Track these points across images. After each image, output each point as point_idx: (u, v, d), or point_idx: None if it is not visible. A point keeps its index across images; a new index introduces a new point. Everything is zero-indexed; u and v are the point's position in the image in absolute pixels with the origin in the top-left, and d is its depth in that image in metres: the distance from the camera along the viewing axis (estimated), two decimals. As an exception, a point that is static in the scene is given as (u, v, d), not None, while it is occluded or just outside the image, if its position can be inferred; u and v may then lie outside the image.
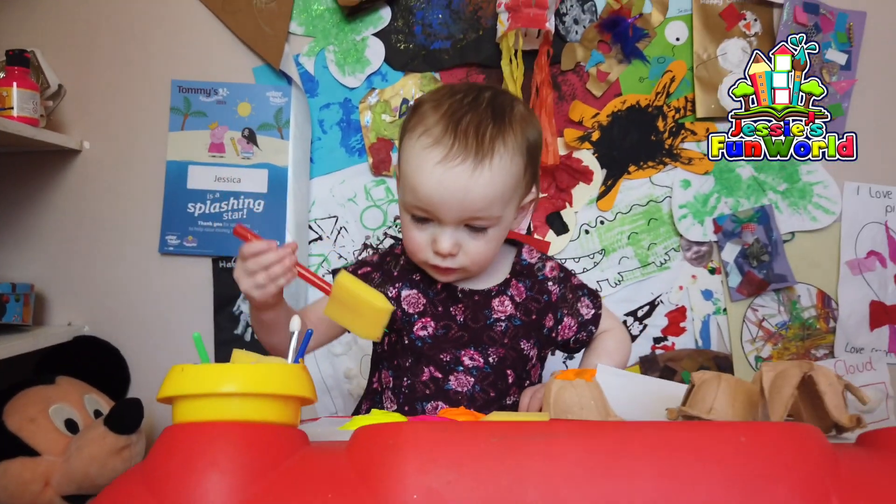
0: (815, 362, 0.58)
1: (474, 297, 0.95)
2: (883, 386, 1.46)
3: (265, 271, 0.82)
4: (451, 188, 0.83)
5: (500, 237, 0.92)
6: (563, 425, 0.41)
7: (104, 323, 1.48)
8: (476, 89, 0.91)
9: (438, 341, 0.93)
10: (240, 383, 0.46)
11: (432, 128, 0.85)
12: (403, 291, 0.95)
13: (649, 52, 1.45)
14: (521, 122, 0.89)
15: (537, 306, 0.97)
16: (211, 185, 1.47)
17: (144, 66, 1.47)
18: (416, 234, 0.89)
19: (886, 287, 1.46)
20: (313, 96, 1.47)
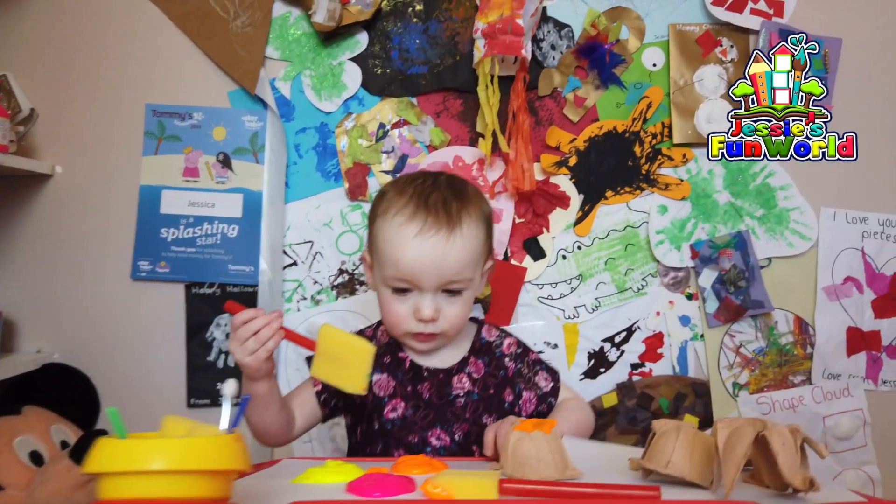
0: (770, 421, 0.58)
1: (438, 374, 1.02)
2: (860, 413, 1.45)
3: (254, 336, 0.87)
4: (430, 256, 0.94)
5: (472, 300, 1.02)
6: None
7: (74, 350, 1.45)
8: (433, 175, 1.04)
9: (407, 423, 0.99)
10: (166, 460, 0.44)
11: (403, 208, 0.96)
12: (374, 376, 1.02)
13: (626, 77, 1.45)
14: (477, 197, 1.02)
15: (495, 381, 1.04)
16: (184, 209, 1.45)
17: (118, 90, 1.46)
18: (397, 306, 0.98)
19: (863, 313, 1.46)
20: (289, 120, 1.46)
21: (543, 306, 1.46)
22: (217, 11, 1.43)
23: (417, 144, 1.46)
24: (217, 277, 1.45)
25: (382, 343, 1.06)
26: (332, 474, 0.64)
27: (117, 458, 0.45)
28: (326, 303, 1.46)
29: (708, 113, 1.44)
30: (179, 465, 0.44)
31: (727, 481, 0.52)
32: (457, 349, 1.05)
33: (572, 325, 1.46)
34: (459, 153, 1.45)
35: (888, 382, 1.47)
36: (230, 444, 0.47)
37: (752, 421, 0.56)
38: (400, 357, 1.04)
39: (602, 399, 1.44)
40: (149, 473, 0.44)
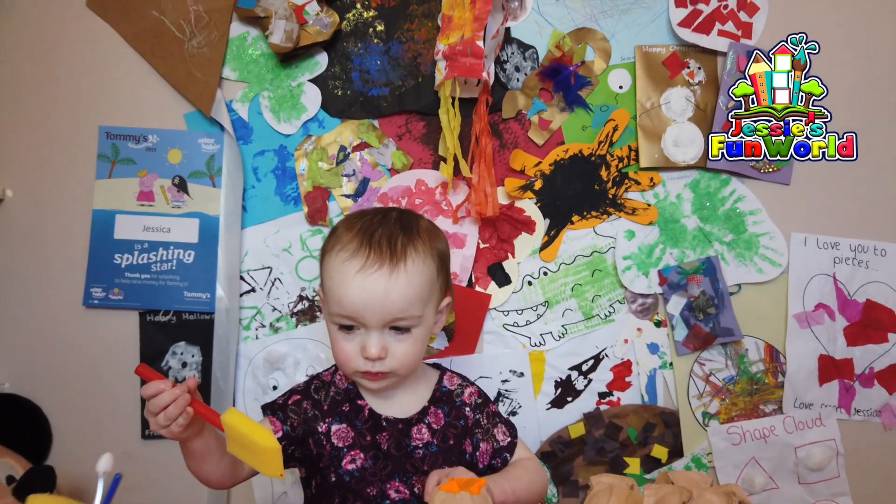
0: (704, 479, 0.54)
1: (398, 425, 1.00)
2: (833, 443, 1.42)
3: (164, 412, 0.84)
4: (372, 293, 0.92)
5: (424, 338, 0.99)
6: None
7: (26, 380, 1.41)
8: (384, 210, 1.03)
9: (365, 475, 0.97)
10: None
11: (348, 244, 0.95)
12: (333, 426, 0.99)
13: (592, 100, 1.42)
14: (427, 233, 1.00)
15: (454, 432, 1.02)
16: (139, 234, 1.41)
17: (70, 112, 1.42)
18: (344, 345, 0.96)
19: (835, 341, 1.43)
20: (247, 143, 1.43)
21: (509, 334, 1.42)
22: (172, 31, 1.39)
23: (379, 168, 1.42)
24: (172, 305, 1.40)
25: (341, 389, 1.03)
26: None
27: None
28: (286, 330, 1.42)
29: (675, 136, 1.41)
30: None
31: (649, 558, 0.49)
32: (416, 397, 1.03)
33: (538, 353, 1.42)
34: (422, 177, 1.42)
35: (861, 412, 1.43)
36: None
37: (679, 489, 0.52)
38: (359, 405, 1.01)
39: (569, 429, 1.41)
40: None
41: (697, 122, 1.41)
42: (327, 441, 0.98)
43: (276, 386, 1.41)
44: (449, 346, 1.41)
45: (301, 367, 1.41)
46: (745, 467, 1.41)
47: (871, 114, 1.41)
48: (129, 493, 1.35)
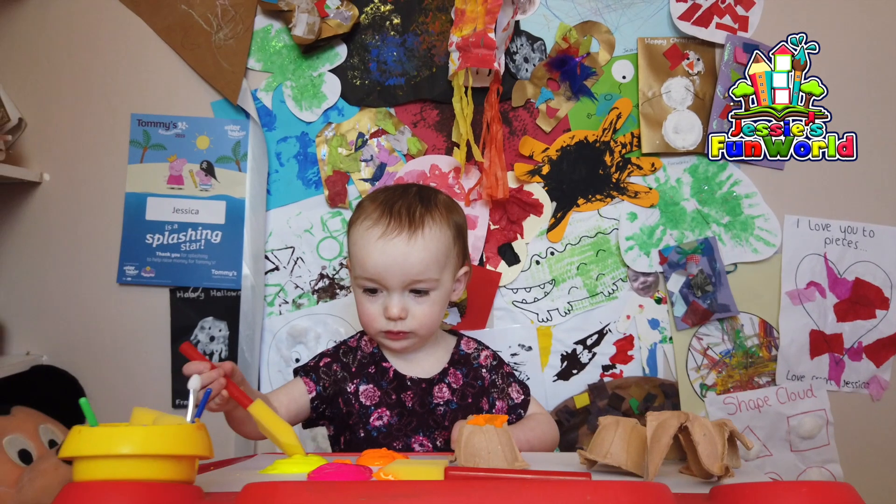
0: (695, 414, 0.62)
1: (421, 384, 1.08)
2: (823, 412, 1.50)
3: (202, 391, 0.88)
4: (392, 256, 1.01)
5: (442, 302, 1.07)
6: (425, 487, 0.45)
7: (63, 352, 1.50)
8: (405, 186, 1.13)
9: (392, 430, 1.05)
10: (133, 445, 0.49)
11: (371, 214, 1.05)
12: (361, 386, 1.08)
13: (597, 89, 1.51)
14: (444, 205, 1.09)
15: (472, 391, 1.10)
16: (169, 216, 1.49)
17: (105, 100, 1.50)
18: (368, 306, 1.05)
19: (826, 317, 1.51)
20: (271, 130, 1.51)
21: (518, 310, 1.51)
22: (200, 24, 1.48)
23: (395, 153, 1.51)
24: (201, 282, 1.49)
25: (367, 353, 1.11)
26: (298, 465, 0.69)
27: (89, 443, 0.49)
28: (308, 306, 1.51)
29: (675, 123, 1.49)
30: (144, 449, 0.49)
31: (651, 468, 0.57)
32: (437, 360, 1.12)
33: (546, 329, 1.51)
34: (436, 162, 1.50)
35: (850, 383, 1.52)
36: (191, 432, 0.52)
37: (678, 414, 0.61)
38: (384, 367, 1.09)
39: (574, 399, 1.49)
40: (117, 457, 0.49)
41: (696, 110, 1.50)
42: (356, 400, 1.07)
43: (299, 359, 1.50)
44: (461, 322, 1.49)
45: (322, 340, 1.49)
46: (740, 435, 1.49)
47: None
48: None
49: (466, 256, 1.14)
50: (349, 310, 1.50)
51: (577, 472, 0.55)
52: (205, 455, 0.53)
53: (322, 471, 0.62)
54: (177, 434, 0.51)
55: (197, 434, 0.52)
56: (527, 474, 0.56)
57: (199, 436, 0.53)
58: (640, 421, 0.71)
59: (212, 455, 0.55)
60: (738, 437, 0.65)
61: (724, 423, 0.64)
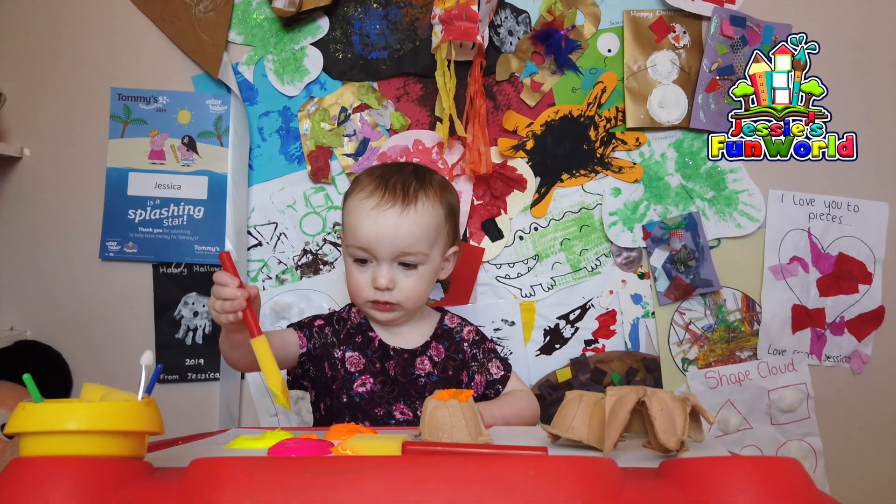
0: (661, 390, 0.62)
1: (404, 355, 1.11)
2: (804, 386, 1.52)
3: (221, 301, 0.90)
4: (384, 227, 1.04)
5: (430, 277, 1.10)
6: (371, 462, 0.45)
7: (46, 328, 1.50)
8: (402, 163, 1.18)
9: (374, 397, 1.07)
10: (78, 421, 0.49)
11: (366, 186, 1.08)
12: (347, 353, 1.10)
13: (582, 63, 1.49)
14: (439, 185, 1.11)
15: (454, 364, 1.13)
16: (151, 191, 1.49)
17: (84, 74, 1.49)
18: (357, 275, 1.08)
19: (808, 291, 1.52)
20: (252, 104, 1.50)
21: (501, 285, 1.51)
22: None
23: (378, 128, 1.50)
24: (184, 258, 1.49)
25: (355, 323, 1.14)
26: (262, 441, 0.69)
27: (34, 419, 0.50)
28: (291, 282, 1.51)
29: (660, 98, 1.48)
30: (89, 425, 0.49)
31: (608, 443, 0.58)
32: (420, 333, 1.14)
33: (529, 304, 1.51)
34: (419, 137, 1.49)
35: (832, 358, 1.53)
36: (139, 408, 0.52)
37: (636, 389, 0.61)
38: (370, 336, 1.12)
39: (556, 374, 1.50)
40: (62, 433, 0.49)
41: (682, 84, 1.48)
42: (342, 366, 1.09)
43: (283, 334, 1.50)
44: (444, 297, 1.50)
45: (305, 316, 1.49)
46: (721, 409, 1.51)
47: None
48: (147, 432, 1.45)
49: (457, 237, 1.16)
50: (333, 285, 1.50)
51: (534, 447, 0.55)
52: (154, 431, 0.54)
53: (282, 446, 0.63)
54: (123, 410, 0.51)
55: (145, 410, 0.52)
56: (482, 448, 0.56)
57: (148, 412, 0.53)
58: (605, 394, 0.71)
59: (162, 431, 0.55)
60: (700, 412, 0.65)
61: (686, 397, 0.64)
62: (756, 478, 0.43)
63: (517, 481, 0.42)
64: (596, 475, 0.43)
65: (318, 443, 0.64)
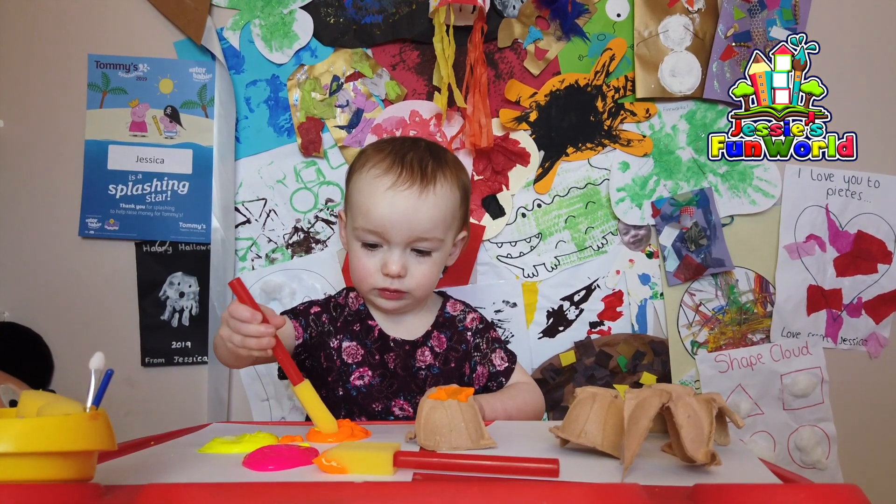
0: (685, 390, 0.55)
1: (405, 346, 1.03)
2: (818, 370, 1.45)
3: (243, 338, 0.79)
4: (402, 209, 0.94)
5: (441, 263, 1.02)
6: (356, 490, 0.38)
7: (25, 309, 1.43)
8: (413, 138, 1.06)
9: (372, 391, 1.00)
10: (8, 442, 0.42)
11: (379, 163, 0.97)
12: (344, 343, 1.02)
13: (589, 28, 1.40)
14: (454, 164, 1.03)
15: (456, 355, 1.05)
16: (133, 165, 1.41)
17: (59, 39, 1.40)
18: (365, 260, 0.98)
19: (825, 271, 1.44)
20: (239, 73, 1.41)
21: (502, 265, 1.44)
22: (160, -44, 1.36)
23: (373, 98, 1.41)
24: (168, 236, 1.41)
25: (353, 310, 1.06)
26: (239, 445, 0.63)
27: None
28: (282, 261, 1.43)
29: (672, 66, 1.39)
30: (22, 447, 0.42)
31: (627, 456, 0.51)
32: (421, 322, 1.06)
33: (531, 284, 1.44)
34: (416, 108, 1.41)
35: (847, 340, 1.46)
36: (83, 423, 0.45)
37: (660, 391, 0.54)
38: (369, 325, 1.04)
39: (560, 357, 1.44)
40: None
41: (695, 51, 1.40)
42: (338, 356, 1.01)
43: (273, 315, 1.43)
44: (443, 278, 1.41)
45: (297, 297, 1.43)
46: (732, 394, 1.44)
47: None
48: (131, 419, 1.39)
49: (467, 221, 1.08)
50: (325, 265, 1.43)
51: (544, 460, 0.48)
52: (102, 448, 0.46)
53: (260, 455, 0.56)
54: (64, 426, 0.44)
55: (89, 425, 0.45)
56: (484, 460, 0.49)
57: (94, 427, 0.45)
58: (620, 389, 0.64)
59: (112, 447, 0.48)
60: (727, 414, 0.58)
61: (712, 398, 0.57)
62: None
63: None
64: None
65: (300, 452, 0.57)
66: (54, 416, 0.45)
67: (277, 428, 0.77)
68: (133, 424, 1.37)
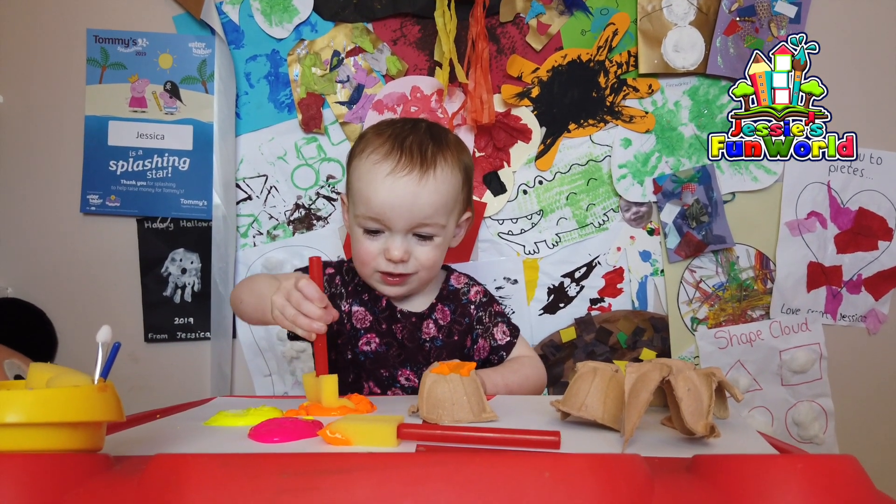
0: (685, 364, 0.56)
1: (412, 318, 1.03)
2: (817, 347, 1.46)
3: (295, 311, 0.81)
4: (402, 195, 0.93)
5: (445, 246, 1.01)
6: (359, 460, 0.39)
7: (28, 285, 1.43)
8: (413, 120, 1.05)
9: (379, 357, 1.01)
10: (19, 412, 0.43)
11: (379, 148, 0.96)
12: (354, 307, 1.03)
13: (592, 2, 1.39)
14: (456, 145, 1.01)
15: (459, 328, 1.05)
16: (133, 141, 1.40)
17: (58, 14, 1.39)
18: (367, 244, 0.97)
19: (825, 248, 1.45)
20: (239, 47, 1.40)
21: (503, 242, 1.44)
22: (157, -72, 1.34)
23: (373, 74, 1.40)
24: (169, 212, 1.41)
25: (362, 280, 1.05)
26: (244, 418, 0.63)
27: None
28: (283, 238, 1.44)
29: (676, 41, 1.38)
30: (33, 417, 0.43)
31: (627, 428, 0.51)
32: (426, 295, 1.06)
33: (532, 261, 1.44)
34: (417, 83, 1.40)
35: (847, 317, 1.47)
36: (91, 395, 0.45)
37: (660, 365, 0.55)
38: (377, 295, 1.04)
39: (560, 334, 1.44)
40: (1, 426, 0.43)
41: (699, 26, 1.38)
42: (348, 320, 1.02)
43: (275, 292, 1.44)
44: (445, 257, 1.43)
45: (299, 273, 1.43)
46: (731, 370, 1.45)
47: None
48: (135, 394, 1.40)
49: (470, 202, 1.07)
50: (327, 242, 1.43)
51: (546, 432, 0.49)
52: (111, 419, 0.47)
53: (265, 427, 0.57)
54: (73, 397, 0.44)
55: (99, 397, 0.46)
56: (485, 432, 0.50)
57: (103, 398, 0.46)
58: (621, 365, 0.65)
59: (121, 418, 0.48)
60: (727, 388, 0.59)
61: (711, 372, 0.58)
62: (809, 480, 0.37)
63: (529, 485, 0.36)
64: (622, 476, 0.37)
65: (305, 424, 0.57)
66: (64, 388, 0.46)
67: (282, 402, 0.77)
68: (137, 399, 1.38)
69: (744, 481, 0.37)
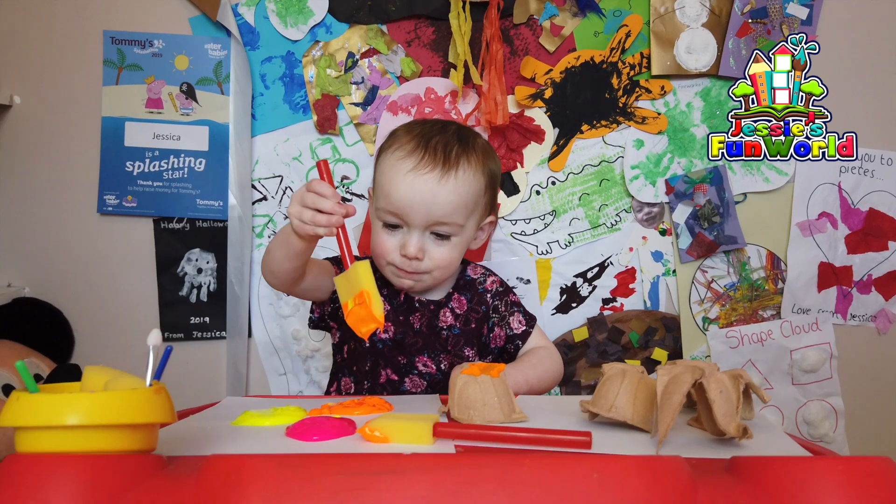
0: (712, 366, 0.57)
1: (430, 306, 1.05)
2: (828, 346, 1.47)
3: (313, 211, 0.83)
4: (421, 192, 0.95)
5: (462, 247, 1.02)
6: (412, 461, 0.40)
7: (45, 284, 1.45)
8: (444, 122, 1.07)
9: (396, 345, 1.03)
10: (79, 415, 0.44)
11: (405, 144, 0.98)
12: None
13: (605, 4, 1.40)
14: (483, 150, 1.02)
15: (476, 316, 1.07)
16: (149, 142, 1.41)
17: (74, 16, 1.40)
18: (385, 237, 0.99)
19: (836, 248, 1.46)
20: (254, 49, 1.41)
21: (516, 242, 1.45)
22: (174, -69, 1.35)
23: (388, 75, 1.41)
24: (185, 212, 1.43)
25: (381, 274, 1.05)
26: (272, 418, 0.64)
27: (30, 413, 0.44)
28: (298, 238, 1.44)
29: (688, 43, 1.39)
30: (91, 419, 0.44)
31: (661, 430, 0.53)
32: (443, 285, 1.07)
33: (545, 261, 1.45)
34: (432, 84, 1.41)
35: (857, 317, 1.48)
36: (147, 397, 0.47)
37: (692, 368, 0.56)
38: (395, 289, 1.05)
39: (573, 333, 1.46)
40: (62, 428, 0.44)
41: (712, 27, 1.39)
42: None
43: (290, 292, 1.45)
44: (458, 254, 1.44)
45: (314, 273, 1.44)
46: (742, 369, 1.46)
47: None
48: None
49: (495, 206, 1.07)
50: (341, 241, 1.44)
51: (577, 433, 0.50)
52: (165, 421, 0.48)
53: (302, 426, 0.58)
54: (130, 400, 0.45)
55: (154, 399, 0.47)
56: (519, 432, 0.51)
57: (157, 401, 0.47)
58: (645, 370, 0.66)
59: (173, 420, 0.50)
60: (753, 390, 0.60)
61: (738, 374, 0.59)
62: (850, 481, 0.38)
63: (578, 486, 0.37)
64: (667, 477, 0.38)
65: (341, 422, 0.59)
66: (123, 391, 0.47)
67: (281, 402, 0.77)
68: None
69: (786, 483, 0.39)
